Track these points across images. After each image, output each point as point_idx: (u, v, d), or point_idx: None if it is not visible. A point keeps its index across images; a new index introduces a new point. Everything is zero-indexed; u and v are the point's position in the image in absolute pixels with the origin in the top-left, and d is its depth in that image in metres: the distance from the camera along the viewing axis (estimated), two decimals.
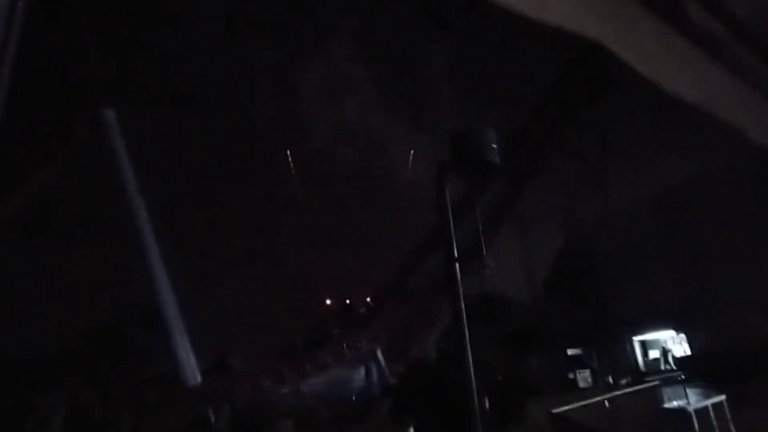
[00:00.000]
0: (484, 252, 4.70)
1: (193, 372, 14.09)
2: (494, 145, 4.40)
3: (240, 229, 16.03)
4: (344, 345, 18.63)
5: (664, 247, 15.40)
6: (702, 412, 9.30)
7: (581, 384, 16.21)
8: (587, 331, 16.45)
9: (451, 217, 4.70)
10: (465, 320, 4.60)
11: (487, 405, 8.88)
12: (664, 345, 18.62)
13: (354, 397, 17.10)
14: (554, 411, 11.76)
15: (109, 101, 12.50)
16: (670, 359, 18.13)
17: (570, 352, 17.35)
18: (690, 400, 10.69)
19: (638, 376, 16.93)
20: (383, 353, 19.24)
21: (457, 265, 4.61)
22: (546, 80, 12.78)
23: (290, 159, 15.89)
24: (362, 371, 19.17)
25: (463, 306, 4.64)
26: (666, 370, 17.39)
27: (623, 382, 16.28)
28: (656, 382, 15.67)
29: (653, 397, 13.55)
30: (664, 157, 12.66)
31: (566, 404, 11.93)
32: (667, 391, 14.07)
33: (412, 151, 14.63)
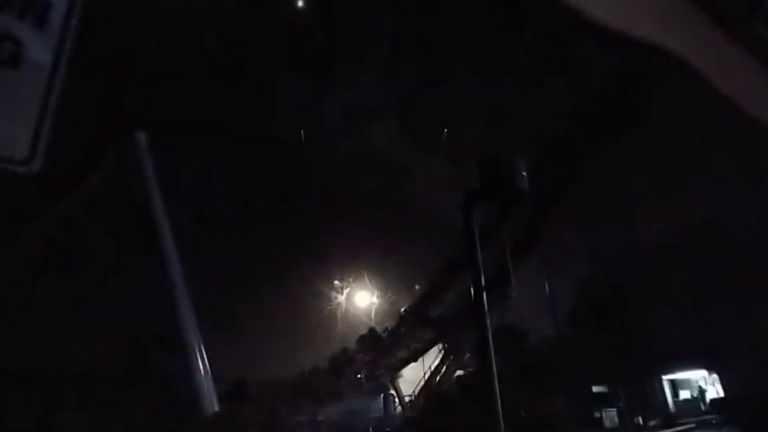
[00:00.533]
0: (512, 282, 4.58)
1: (210, 397, 14.00)
2: (524, 173, 4.33)
3: (262, 255, 16.13)
4: (362, 374, 18.33)
5: (694, 280, 14.87)
6: None
7: (607, 423, 15.53)
8: (613, 367, 15.86)
9: (478, 246, 4.61)
10: (492, 352, 4.45)
11: None
12: (696, 385, 17.81)
13: (371, 428, 16.70)
14: None
15: (142, 126, 12.91)
16: (703, 400, 17.32)
17: (595, 389, 16.72)
18: None
19: (668, 417, 16.19)
20: (401, 384, 18.86)
21: (485, 295, 4.49)
22: (571, 111, 12.74)
23: (315, 186, 16.08)
24: (380, 401, 18.77)
25: (490, 337, 4.50)
26: (698, 412, 16.58)
27: (652, 423, 15.56)
28: (688, 425, 14.92)
29: None
30: (695, 187, 12.37)
31: None
32: None
33: (436, 180, 14.66)
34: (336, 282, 18.71)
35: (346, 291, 19.05)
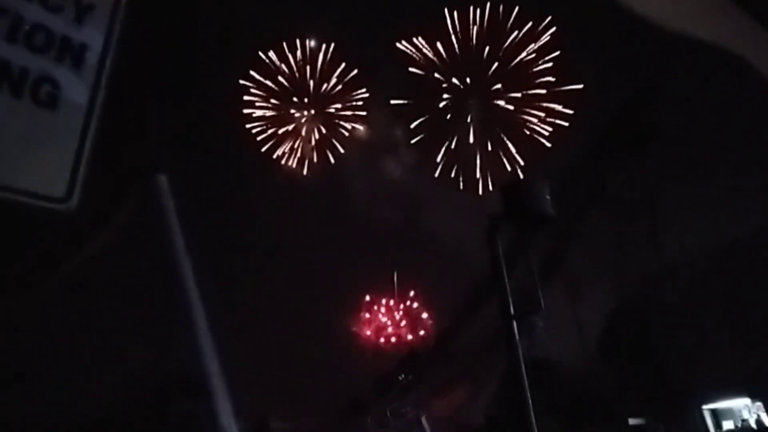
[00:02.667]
0: (542, 306, 4.47)
1: None
2: (548, 197, 4.29)
3: (284, 292, 16.07)
4: (387, 412, 17.87)
5: (729, 304, 14.29)
6: None
7: None
8: (650, 399, 15.18)
9: (505, 272, 4.52)
10: (526, 384, 4.29)
11: None
12: (739, 414, 16.92)
13: None
14: None
15: (162, 167, 13.19)
16: (748, 429, 16.40)
17: (632, 421, 15.99)
18: None
19: None
20: (428, 421, 18.31)
21: (515, 323, 4.37)
22: (589, 134, 12.69)
23: (334, 222, 16.13)
24: None
25: (523, 367, 4.35)
26: None
27: None
28: None
29: None
30: (728, 206, 11.99)
31: None
32: None
33: (455, 210, 14.58)
34: (363, 314, 18.56)
35: (370, 324, 18.86)
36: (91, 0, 1.54)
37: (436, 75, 16.17)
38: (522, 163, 14.82)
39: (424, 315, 18.92)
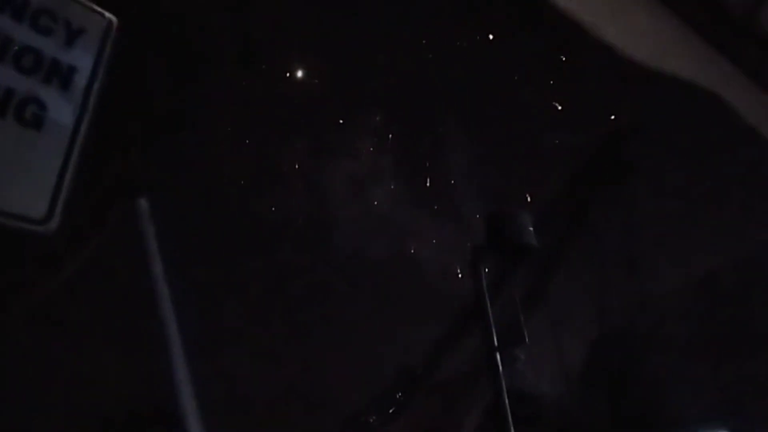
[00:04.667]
0: (526, 339, 4.47)
1: None
2: (531, 228, 4.35)
3: (266, 323, 15.72)
4: None
5: (708, 336, 14.41)
6: None
7: None
8: (633, 430, 15.09)
9: (488, 303, 4.54)
10: (509, 415, 4.25)
11: None
12: None
13: None
14: None
15: (143, 191, 12.94)
16: None
17: None
18: None
19: None
20: None
21: (499, 355, 4.36)
22: (569, 165, 12.94)
23: (318, 252, 15.94)
24: None
25: (506, 399, 4.32)
26: None
27: None
28: None
29: None
30: (707, 238, 12.30)
31: None
32: None
33: (435, 240, 14.57)
34: (343, 346, 18.18)
35: (353, 355, 18.47)
36: (82, 23, 1.56)
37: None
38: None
39: None
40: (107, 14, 1.67)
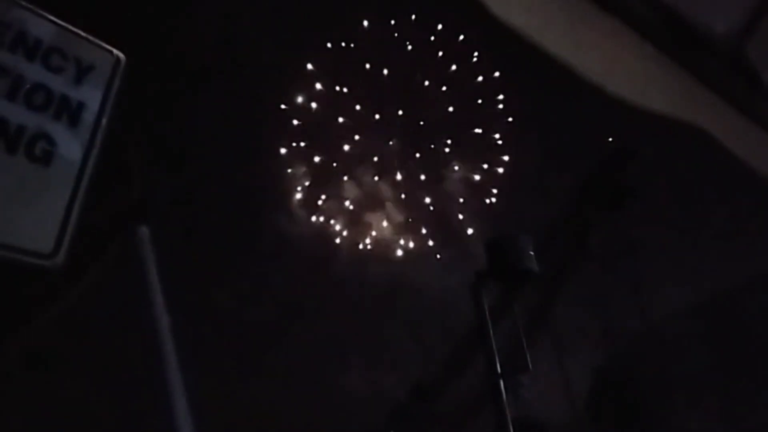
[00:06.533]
0: (530, 366, 4.42)
1: None
2: (531, 252, 4.36)
3: (265, 347, 15.49)
4: None
5: (712, 359, 14.23)
6: None
7: None
8: None
9: (491, 329, 4.51)
10: None
11: None
12: None
13: None
14: None
15: (144, 219, 12.93)
16: None
17: None
18: None
19: None
20: None
21: (502, 382, 4.31)
22: (568, 189, 13.04)
23: (319, 276, 15.78)
24: None
25: (510, 427, 4.26)
26: None
27: None
28: None
29: None
30: (709, 262, 12.31)
31: None
32: None
33: (440, 266, 14.48)
34: (345, 371, 17.79)
35: (356, 382, 18.08)
36: (92, 60, 1.60)
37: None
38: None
39: None
40: (115, 51, 1.72)
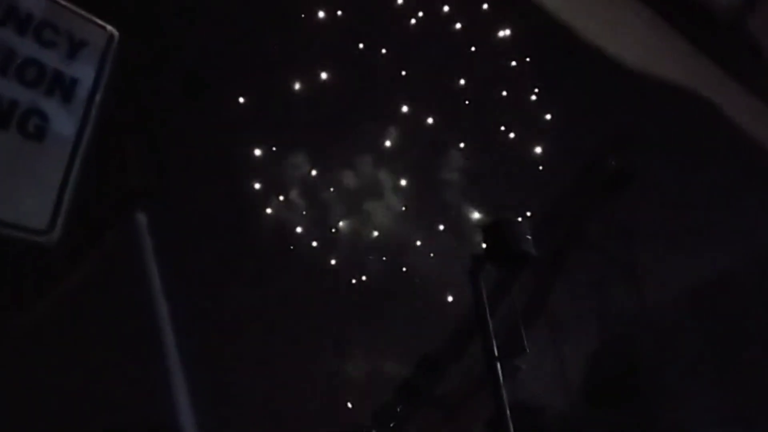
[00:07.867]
0: (527, 349, 4.43)
1: None
2: (529, 237, 4.33)
3: (264, 338, 15.52)
4: None
5: (709, 343, 14.36)
6: None
7: None
8: None
9: (488, 313, 4.51)
10: (511, 428, 4.21)
11: None
12: None
13: None
14: None
15: (142, 206, 12.91)
16: None
17: None
18: None
19: None
20: None
21: (499, 365, 4.32)
22: (564, 176, 13.02)
23: (318, 269, 15.78)
24: None
25: (507, 411, 4.28)
26: None
27: None
28: None
29: None
30: (706, 246, 12.31)
31: None
32: None
33: (433, 254, 14.52)
34: (343, 361, 17.90)
35: (353, 371, 18.21)
36: (85, 35, 1.58)
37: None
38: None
39: None
40: (109, 27, 1.70)
